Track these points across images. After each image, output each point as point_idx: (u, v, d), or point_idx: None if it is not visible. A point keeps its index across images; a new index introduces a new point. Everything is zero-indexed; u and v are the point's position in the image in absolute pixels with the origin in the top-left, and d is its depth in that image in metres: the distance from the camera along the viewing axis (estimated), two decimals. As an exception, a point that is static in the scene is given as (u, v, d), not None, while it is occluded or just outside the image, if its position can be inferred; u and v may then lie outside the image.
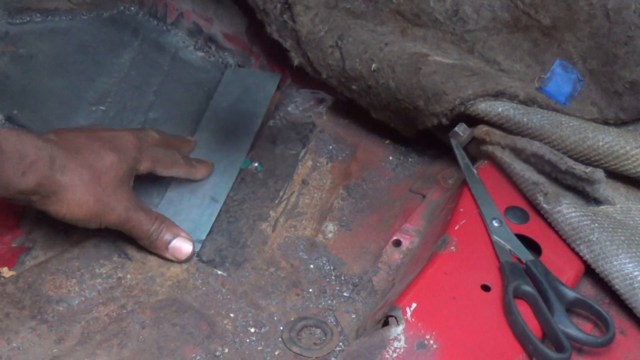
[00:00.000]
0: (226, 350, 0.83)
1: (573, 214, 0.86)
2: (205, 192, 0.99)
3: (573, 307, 0.81)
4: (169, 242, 0.90)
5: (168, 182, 1.00)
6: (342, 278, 0.92)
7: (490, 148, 0.94)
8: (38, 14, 1.15)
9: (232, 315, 0.87)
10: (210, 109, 1.09)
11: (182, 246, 0.91)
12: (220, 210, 0.98)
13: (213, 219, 0.96)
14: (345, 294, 0.91)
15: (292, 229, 0.97)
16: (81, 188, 0.84)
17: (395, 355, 0.76)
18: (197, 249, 0.93)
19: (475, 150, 0.97)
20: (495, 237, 0.86)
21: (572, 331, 0.77)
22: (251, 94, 1.09)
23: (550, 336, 0.77)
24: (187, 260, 0.91)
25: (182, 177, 0.99)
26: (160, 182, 1.00)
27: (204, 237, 0.94)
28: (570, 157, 0.89)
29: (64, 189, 0.83)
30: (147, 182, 0.99)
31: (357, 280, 0.92)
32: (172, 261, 0.91)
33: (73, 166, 0.84)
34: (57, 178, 0.83)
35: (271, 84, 1.10)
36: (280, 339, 0.85)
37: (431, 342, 0.77)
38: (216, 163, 1.02)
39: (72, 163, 0.84)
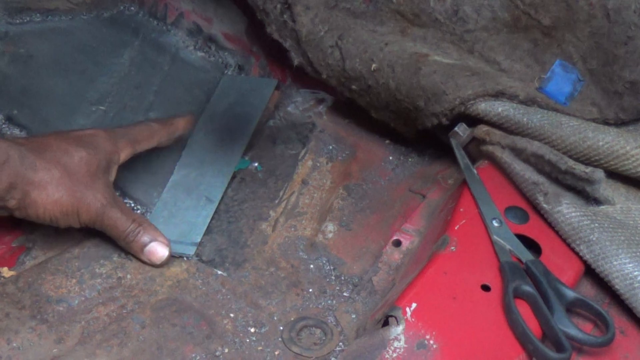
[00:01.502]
0: (226, 350, 0.83)
1: (573, 214, 0.86)
2: (200, 193, 0.99)
3: (573, 307, 0.81)
4: (145, 245, 0.90)
5: (166, 181, 1.00)
6: (342, 278, 0.92)
7: (490, 148, 0.94)
8: (38, 14, 1.15)
9: (232, 315, 0.87)
10: (207, 112, 1.09)
11: (158, 250, 0.90)
12: (220, 210, 0.98)
13: (208, 220, 0.96)
14: (345, 294, 0.91)
15: (292, 229, 0.97)
16: (53, 185, 0.84)
17: (395, 355, 0.76)
18: (193, 252, 0.93)
19: (475, 150, 0.97)
20: (495, 237, 0.86)
21: (572, 331, 0.77)
22: (247, 98, 1.10)
23: (550, 336, 0.77)
24: (161, 265, 0.90)
25: (167, 142, 0.99)
26: (159, 182, 1.00)
27: (199, 240, 0.94)
28: (570, 157, 0.89)
29: (36, 187, 0.83)
30: (146, 182, 0.99)
31: (357, 280, 0.92)
32: (147, 263, 0.90)
33: (43, 164, 0.84)
34: (28, 176, 0.83)
35: (268, 88, 1.10)
36: (280, 339, 0.85)
37: (431, 342, 0.77)
38: (211, 164, 1.02)
39: (42, 161, 0.84)
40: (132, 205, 0.98)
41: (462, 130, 0.96)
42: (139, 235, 0.89)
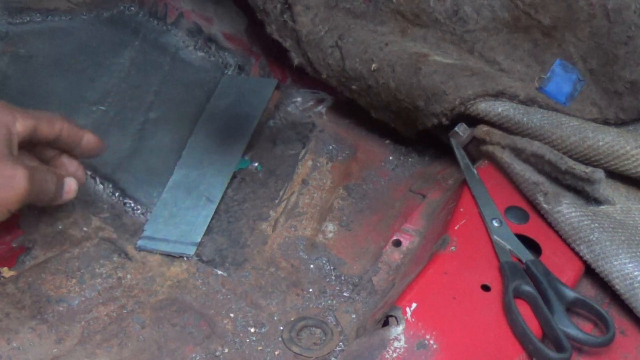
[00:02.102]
0: (226, 350, 0.83)
1: (573, 214, 0.86)
2: (200, 193, 0.99)
3: (573, 307, 0.81)
4: (62, 190, 0.86)
5: (167, 181, 1.00)
6: (342, 278, 0.92)
7: (490, 148, 0.94)
8: (38, 14, 1.15)
9: (232, 315, 0.87)
10: (207, 112, 1.09)
11: (71, 186, 0.86)
12: (220, 210, 0.98)
13: (208, 220, 0.96)
14: (345, 294, 0.91)
15: (292, 229, 0.97)
16: None
17: (395, 355, 0.76)
18: (193, 252, 0.93)
19: (475, 150, 0.97)
20: (495, 237, 0.86)
21: (572, 331, 0.77)
22: (247, 98, 1.10)
23: (550, 336, 0.77)
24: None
25: (67, 141, 0.89)
26: (159, 182, 1.00)
27: (199, 240, 0.94)
28: (570, 157, 0.89)
29: None
30: (146, 182, 0.99)
31: (357, 280, 0.92)
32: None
33: None
34: None
35: (267, 89, 1.10)
36: (280, 339, 0.85)
37: (431, 342, 0.77)
38: (211, 164, 1.02)
39: None
40: (132, 205, 0.98)
41: (462, 130, 0.96)
42: (58, 184, 0.85)
